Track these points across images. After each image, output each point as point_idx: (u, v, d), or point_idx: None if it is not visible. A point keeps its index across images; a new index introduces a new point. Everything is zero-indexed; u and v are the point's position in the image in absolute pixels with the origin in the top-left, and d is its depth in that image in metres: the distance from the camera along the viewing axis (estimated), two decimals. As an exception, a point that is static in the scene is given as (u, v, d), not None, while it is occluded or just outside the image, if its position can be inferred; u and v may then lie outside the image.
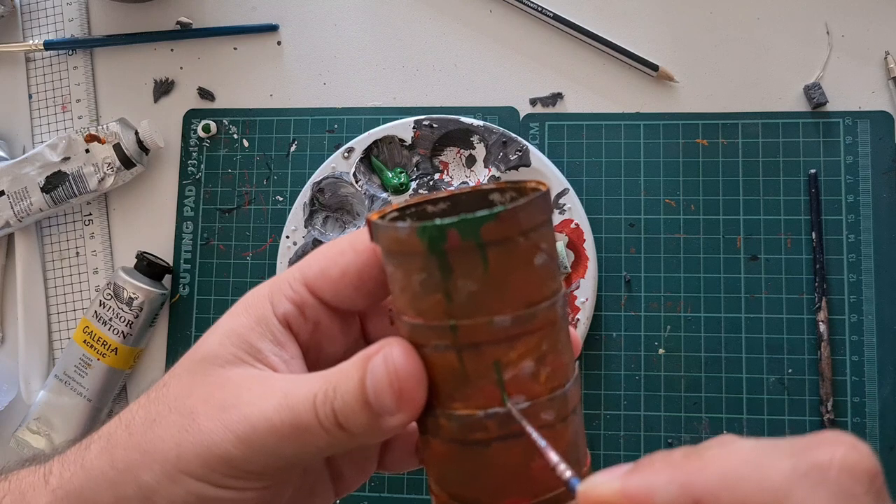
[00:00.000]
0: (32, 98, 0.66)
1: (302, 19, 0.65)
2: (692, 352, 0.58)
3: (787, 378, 0.57)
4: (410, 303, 0.24)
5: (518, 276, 0.23)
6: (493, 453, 0.24)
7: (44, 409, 0.60)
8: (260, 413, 0.25)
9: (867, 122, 0.59)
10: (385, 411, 0.24)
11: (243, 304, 0.28)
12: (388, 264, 0.25)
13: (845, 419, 0.56)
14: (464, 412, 0.24)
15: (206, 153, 0.64)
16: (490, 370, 0.24)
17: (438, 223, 0.23)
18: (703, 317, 0.58)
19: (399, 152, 0.61)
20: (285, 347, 0.27)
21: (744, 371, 0.57)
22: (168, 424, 0.26)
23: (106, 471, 0.26)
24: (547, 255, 0.24)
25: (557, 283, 0.25)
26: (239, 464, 0.25)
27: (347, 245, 0.27)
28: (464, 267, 0.23)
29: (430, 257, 0.23)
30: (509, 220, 0.23)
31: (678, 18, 0.62)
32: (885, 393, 0.56)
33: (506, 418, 0.24)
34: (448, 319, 0.23)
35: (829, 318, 0.57)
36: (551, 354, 0.24)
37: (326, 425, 0.24)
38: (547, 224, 0.24)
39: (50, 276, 0.64)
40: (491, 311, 0.23)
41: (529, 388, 0.24)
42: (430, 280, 0.23)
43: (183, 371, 0.27)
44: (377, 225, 0.25)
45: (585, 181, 0.60)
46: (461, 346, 0.24)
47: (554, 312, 0.24)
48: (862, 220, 0.58)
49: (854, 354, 0.57)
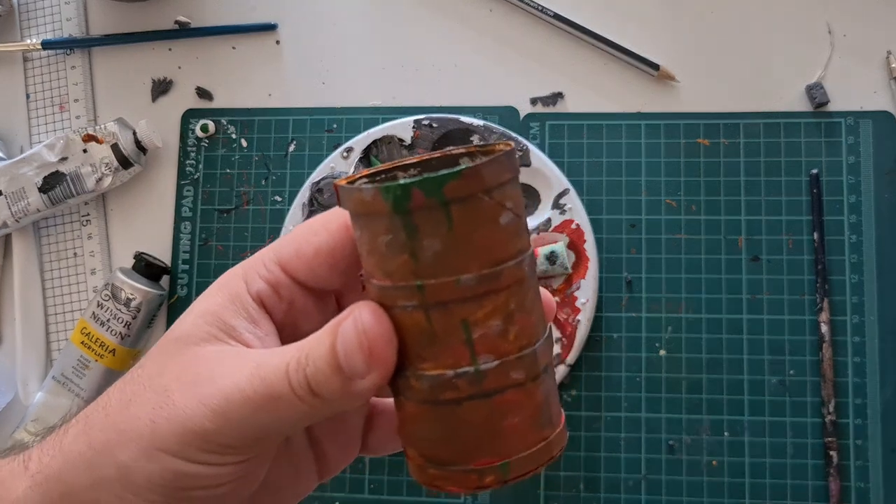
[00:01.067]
0: (30, 98, 0.66)
1: (301, 19, 0.65)
2: (693, 353, 0.58)
3: (788, 379, 0.57)
4: (378, 265, 0.24)
5: (483, 234, 0.24)
6: (465, 412, 0.24)
7: (41, 411, 0.59)
8: (233, 384, 0.25)
9: (869, 122, 0.59)
10: (356, 373, 0.24)
11: (217, 284, 0.28)
12: (355, 228, 0.25)
13: (847, 420, 0.56)
14: (434, 372, 0.24)
15: (205, 153, 0.64)
16: (458, 329, 0.24)
17: (402, 182, 0.23)
18: (704, 318, 0.58)
19: (398, 152, 0.61)
20: (259, 325, 0.27)
21: (745, 372, 0.57)
22: (143, 403, 0.26)
23: (83, 452, 0.26)
24: (513, 214, 0.24)
25: (524, 241, 0.25)
26: (214, 437, 0.25)
27: (320, 225, 0.27)
28: (428, 226, 0.23)
29: (394, 217, 0.23)
30: (472, 178, 0.23)
31: (679, 18, 0.62)
32: (888, 394, 0.56)
33: (476, 377, 0.24)
34: (414, 279, 0.24)
35: (831, 319, 0.57)
36: (519, 313, 0.24)
37: (300, 392, 0.24)
38: (512, 182, 0.24)
39: (48, 277, 0.64)
40: (456, 269, 0.23)
41: (498, 347, 0.24)
42: (396, 241, 0.24)
43: (158, 352, 0.27)
44: (343, 189, 0.25)
45: (586, 181, 0.60)
46: (428, 306, 0.24)
47: (521, 271, 0.25)
48: (864, 220, 0.58)
49: (856, 356, 0.57)
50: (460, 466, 0.25)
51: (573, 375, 0.58)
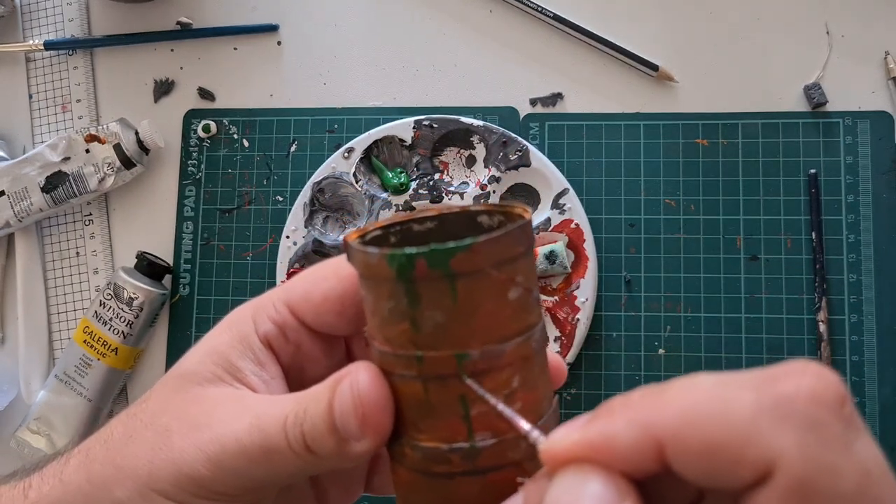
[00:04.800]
0: (32, 98, 0.66)
1: (302, 19, 0.65)
2: (692, 352, 0.58)
3: (787, 378, 0.57)
4: (379, 328, 0.24)
5: (488, 309, 0.23)
6: (457, 487, 0.24)
7: (44, 410, 0.60)
8: (231, 434, 0.25)
9: (867, 122, 0.59)
10: (350, 436, 0.24)
11: (227, 321, 0.28)
12: (361, 287, 0.25)
13: (845, 419, 0.56)
14: (428, 444, 0.23)
15: (207, 153, 0.64)
16: (456, 404, 0.23)
17: (407, 252, 0.22)
18: (703, 317, 0.58)
19: (399, 152, 0.61)
20: (265, 367, 0.27)
21: (744, 371, 0.57)
22: (142, 441, 0.26)
23: (82, 485, 0.26)
24: (522, 289, 0.23)
25: (534, 316, 0.24)
26: (209, 484, 0.25)
27: (331, 270, 0.27)
28: (431, 297, 0.22)
29: (398, 285, 0.22)
30: (481, 252, 0.22)
31: (678, 18, 0.62)
32: (886, 393, 0.56)
33: (471, 453, 0.23)
34: (414, 349, 0.23)
35: (829, 319, 0.57)
36: (522, 390, 0.23)
37: (296, 448, 0.24)
38: (524, 256, 0.23)
39: (50, 277, 0.64)
40: (458, 343, 0.23)
41: (497, 425, 0.23)
42: (398, 308, 0.23)
43: (162, 387, 0.27)
44: (350, 247, 0.24)
45: (585, 181, 0.60)
46: (427, 378, 0.23)
47: (528, 347, 0.23)
48: (862, 220, 0.58)
49: (854, 354, 0.57)
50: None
51: (573, 374, 0.58)
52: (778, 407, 0.18)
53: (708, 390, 0.19)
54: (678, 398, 0.19)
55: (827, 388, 0.18)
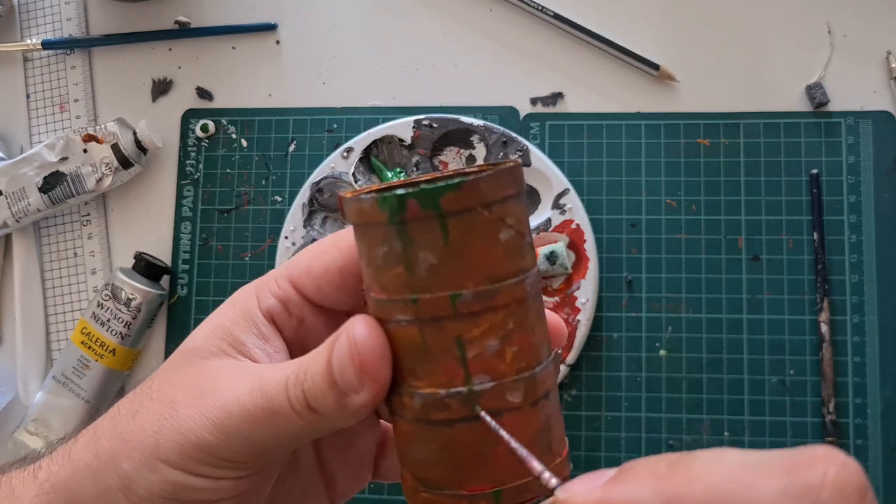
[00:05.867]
0: (30, 98, 0.66)
1: (301, 18, 0.65)
2: (693, 353, 0.58)
3: (788, 379, 0.57)
4: (374, 277, 0.24)
5: (480, 249, 0.23)
6: (457, 434, 0.24)
7: (42, 411, 0.59)
8: (234, 398, 0.25)
9: (869, 122, 0.59)
10: (350, 388, 0.24)
11: (231, 299, 0.28)
12: (356, 240, 0.25)
13: (847, 420, 0.56)
14: (426, 390, 0.24)
15: (205, 153, 0.64)
16: (452, 347, 0.23)
17: (398, 193, 0.22)
18: (704, 318, 0.58)
19: (399, 152, 0.61)
20: (269, 341, 0.27)
21: (745, 372, 0.57)
22: (149, 414, 0.26)
23: (90, 461, 0.26)
24: (514, 231, 0.23)
25: (527, 260, 0.24)
26: (215, 451, 0.25)
27: (330, 243, 0.28)
28: (423, 238, 0.23)
29: (390, 228, 0.23)
30: (470, 191, 0.22)
31: (679, 18, 0.62)
32: (888, 394, 0.56)
33: (469, 398, 0.23)
34: (409, 293, 0.23)
35: (831, 319, 0.57)
36: (519, 333, 0.24)
37: (297, 408, 0.24)
38: (515, 198, 0.24)
39: (48, 277, 0.64)
40: (452, 284, 0.23)
41: (494, 368, 0.23)
42: (392, 252, 0.23)
43: (168, 364, 0.28)
44: (345, 199, 0.25)
45: (586, 181, 0.60)
46: (422, 321, 0.23)
47: (522, 290, 0.24)
48: (864, 220, 0.58)
49: (856, 355, 0.57)
50: (451, 491, 0.24)
51: (573, 375, 0.58)
52: (803, 496, 0.19)
53: (736, 470, 0.19)
54: (706, 475, 0.19)
55: (850, 479, 0.19)
